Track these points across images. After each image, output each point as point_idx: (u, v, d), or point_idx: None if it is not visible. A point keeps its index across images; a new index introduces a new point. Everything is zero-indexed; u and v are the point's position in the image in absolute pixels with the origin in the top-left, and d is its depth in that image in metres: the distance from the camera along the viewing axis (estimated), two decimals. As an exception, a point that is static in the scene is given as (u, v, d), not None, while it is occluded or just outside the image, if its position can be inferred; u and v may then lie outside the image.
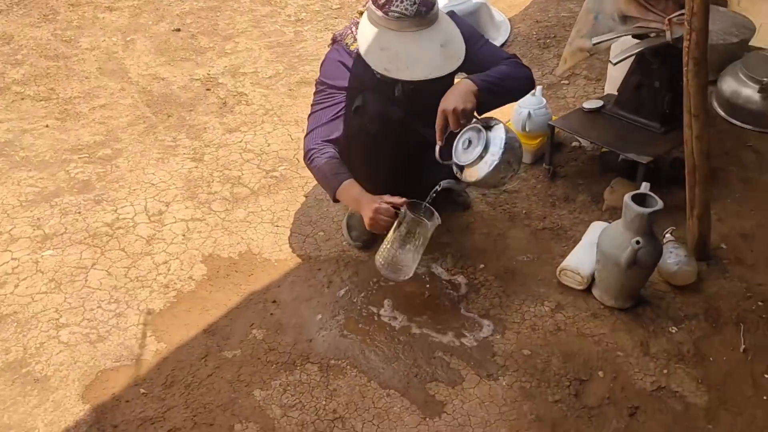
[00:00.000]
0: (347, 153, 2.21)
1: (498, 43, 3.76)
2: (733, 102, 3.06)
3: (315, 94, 2.25)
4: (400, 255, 2.13)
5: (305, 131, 2.23)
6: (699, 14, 1.95)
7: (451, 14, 2.24)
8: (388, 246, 2.13)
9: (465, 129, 2.05)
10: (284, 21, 4.25)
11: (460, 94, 2.03)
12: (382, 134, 2.18)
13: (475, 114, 2.09)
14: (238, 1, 4.50)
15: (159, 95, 3.47)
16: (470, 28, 2.28)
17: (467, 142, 2.04)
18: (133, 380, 2.06)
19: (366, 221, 2.11)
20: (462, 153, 2.04)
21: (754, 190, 2.70)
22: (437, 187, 2.11)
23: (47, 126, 3.24)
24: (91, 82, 3.60)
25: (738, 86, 3.05)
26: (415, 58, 2.02)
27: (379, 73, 2.07)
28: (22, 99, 3.45)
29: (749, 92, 3.01)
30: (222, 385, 2.03)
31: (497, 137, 2.00)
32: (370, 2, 2.05)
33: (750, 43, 3.35)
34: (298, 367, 2.08)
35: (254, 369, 2.08)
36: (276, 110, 3.32)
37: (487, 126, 2.04)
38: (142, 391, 2.02)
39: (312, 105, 2.25)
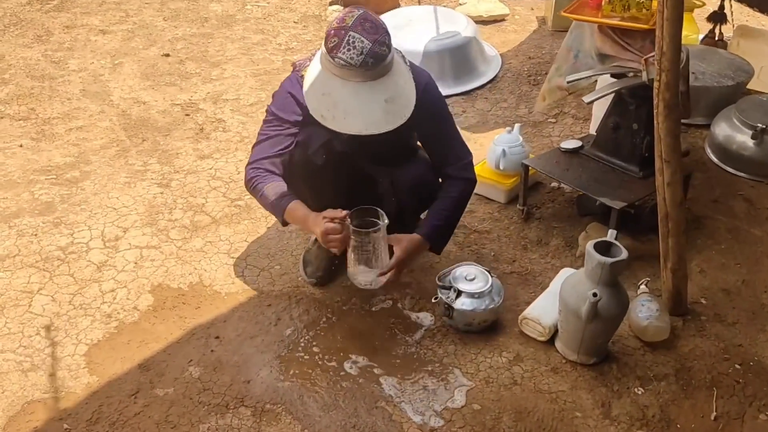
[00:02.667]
0: (293, 187, 2.11)
1: (488, 77, 3.66)
2: (726, 148, 2.91)
3: (264, 122, 2.16)
4: (359, 267, 2.12)
5: (250, 158, 2.14)
6: (669, 54, 1.83)
7: (426, 82, 2.13)
8: (350, 259, 2.13)
9: (467, 264, 2.22)
10: (274, 49, 4.19)
11: (414, 257, 2.19)
12: (328, 166, 2.08)
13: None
14: (231, 29, 4.46)
15: (137, 119, 3.41)
16: (439, 104, 2.20)
17: (471, 275, 2.16)
18: (58, 414, 1.95)
19: (321, 242, 2.05)
20: (465, 282, 2.14)
21: (742, 242, 2.54)
22: (434, 299, 2.18)
23: (21, 146, 3.19)
24: (72, 103, 3.56)
25: (731, 131, 2.90)
26: (354, 110, 1.93)
27: None
28: (1, 118, 3.41)
29: (743, 138, 2.86)
30: (148, 425, 1.91)
31: (500, 287, 2.19)
32: (323, 41, 1.96)
33: (748, 87, 3.21)
34: (231, 411, 1.95)
35: (184, 410, 1.95)
36: (252, 138, 3.21)
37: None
38: (65, 426, 1.91)
39: (259, 133, 2.16)
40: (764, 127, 2.76)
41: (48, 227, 2.66)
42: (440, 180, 2.27)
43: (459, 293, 2.13)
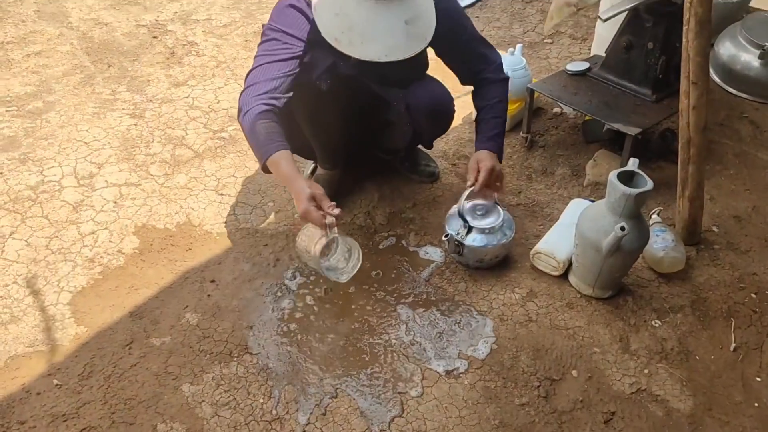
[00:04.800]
0: (294, 112, 1.91)
1: (478, -6, 3.45)
2: (731, 68, 2.80)
3: (263, 42, 1.89)
4: (324, 264, 1.90)
5: (246, 83, 1.86)
6: (705, -36, 1.67)
7: None
8: (312, 254, 1.85)
9: (480, 198, 2.08)
10: (246, -37, 3.87)
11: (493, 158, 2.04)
12: (335, 91, 1.88)
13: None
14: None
15: (100, 42, 3.13)
16: (457, 10, 2.00)
17: (483, 209, 2.06)
18: (46, 369, 1.81)
19: (298, 209, 1.79)
20: (475, 217, 2.04)
21: (750, 166, 2.47)
22: (444, 237, 2.03)
23: (-27, 74, 2.91)
24: (27, 26, 3.25)
25: (736, 50, 2.79)
26: (372, 33, 1.72)
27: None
28: (-53, 43, 3.10)
29: (748, 58, 2.75)
30: (147, 377, 1.78)
31: (511, 221, 2.07)
32: None
33: (751, 4, 3.08)
34: (235, 359, 1.83)
35: (185, 359, 1.83)
36: (229, 63, 3.00)
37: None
38: (55, 382, 1.77)
39: (258, 56, 1.88)
40: (773, 45, 2.65)
41: (14, 164, 2.44)
42: (473, 87, 2.14)
43: (470, 229, 2.02)
